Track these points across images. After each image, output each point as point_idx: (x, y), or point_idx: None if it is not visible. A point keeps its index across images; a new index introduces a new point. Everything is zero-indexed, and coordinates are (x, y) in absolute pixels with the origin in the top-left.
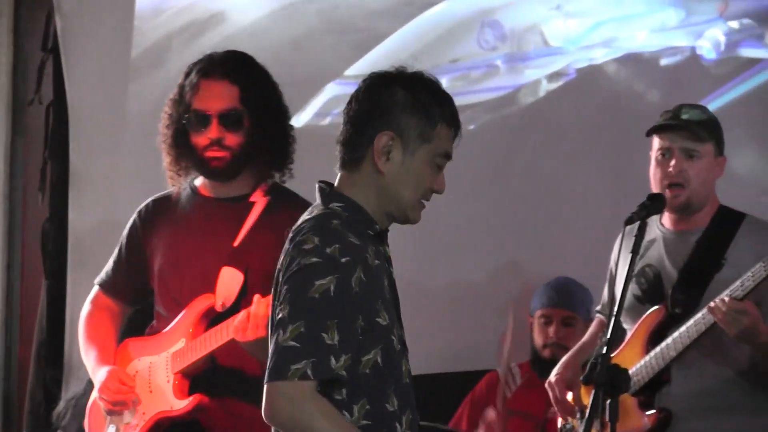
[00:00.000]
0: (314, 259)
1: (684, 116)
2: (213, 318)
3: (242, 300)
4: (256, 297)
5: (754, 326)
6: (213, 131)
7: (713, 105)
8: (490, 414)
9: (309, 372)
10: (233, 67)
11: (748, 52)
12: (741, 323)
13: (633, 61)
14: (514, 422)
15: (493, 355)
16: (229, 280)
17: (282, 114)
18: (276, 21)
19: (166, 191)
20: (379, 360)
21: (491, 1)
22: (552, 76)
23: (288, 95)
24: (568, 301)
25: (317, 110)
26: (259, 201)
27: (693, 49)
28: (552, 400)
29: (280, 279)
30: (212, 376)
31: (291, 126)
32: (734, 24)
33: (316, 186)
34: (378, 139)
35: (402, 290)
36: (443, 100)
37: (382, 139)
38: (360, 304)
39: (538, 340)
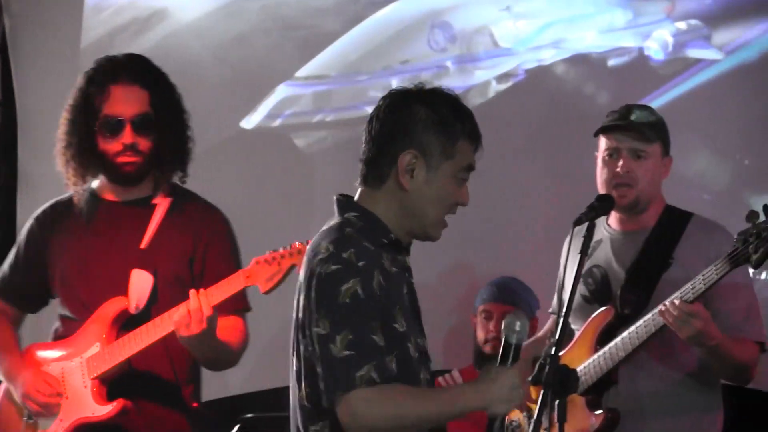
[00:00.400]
0: (333, 267)
1: (632, 117)
2: (125, 321)
3: (152, 303)
4: (192, 292)
5: (705, 329)
6: (127, 137)
7: (656, 103)
8: None
9: (374, 376)
10: (140, 71)
11: (695, 52)
12: (692, 327)
13: (581, 61)
14: (461, 427)
15: (441, 356)
16: (140, 282)
17: (184, 115)
18: (219, 18)
19: (64, 195)
20: (393, 367)
21: (441, 3)
22: (501, 77)
23: (233, 93)
24: (509, 296)
25: (268, 111)
26: (162, 203)
27: (641, 49)
28: None
29: (302, 289)
30: (128, 380)
31: (190, 127)
32: (682, 25)
33: (334, 198)
34: (402, 157)
35: None
36: (464, 115)
37: (406, 157)
38: (381, 307)
39: (480, 335)
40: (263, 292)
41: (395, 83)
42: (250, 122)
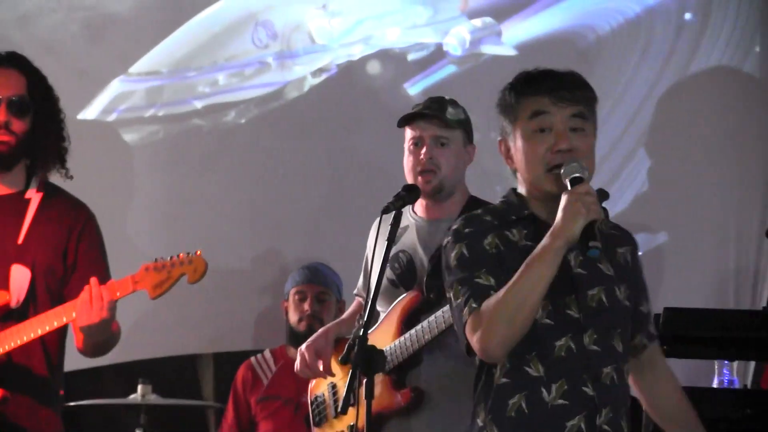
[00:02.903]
0: (445, 240)
1: (433, 106)
2: (4, 315)
3: (30, 296)
4: (93, 280)
5: None
6: (1, 114)
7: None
8: None
9: (474, 304)
10: (19, 59)
11: (488, 48)
12: None
13: (385, 57)
14: (274, 406)
15: (251, 336)
16: (19, 277)
17: (60, 112)
18: None
19: None
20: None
21: (265, 1)
22: (316, 72)
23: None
24: (320, 278)
25: (104, 107)
26: (34, 197)
27: (439, 45)
28: (301, 365)
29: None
30: (5, 372)
31: (64, 121)
32: (477, 22)
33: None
34: (498, 149)
35: None
36: (518, 78)
37: (500, 147)
38: (493, 260)
39: (294, 316)
40: (151, 298)
41: (221, 78)
42: (85, 116)
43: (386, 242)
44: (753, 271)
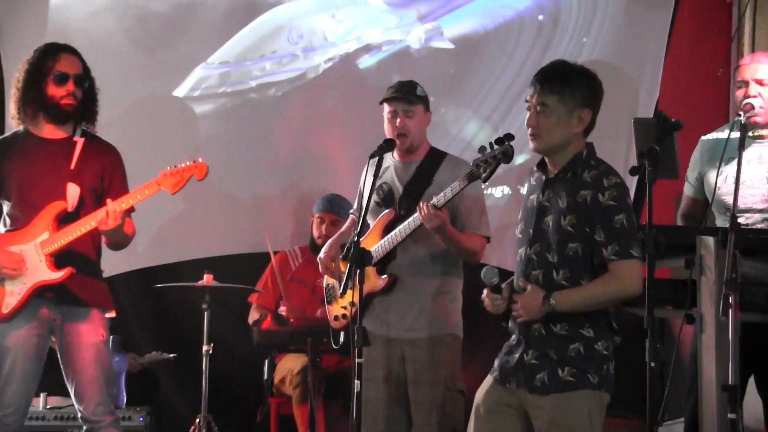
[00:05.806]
0: None
1: (402, 89)
2: (63, 217)
3: (80, 204)
4: (109, 200)
5: (443, 224)
6: (71, 86)
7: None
8: None
9: None
10: (73, 48)
11: (437, 44)
12: (434, 221)
13: (369, 49)
14: (296, 287)
15: (282, 240)
16: (73, 192)
17: (96, 87)
18: None
19: (6, 135)
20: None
21: (295, 13)
22: (327, 60)
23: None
24: (335, 209)
25: (191, 86)
26: (79, 141)
27: (402, 41)
28: (321, 269)
29: None
30: (67, 256)
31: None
32: (428, 26)
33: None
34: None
35: (220, 202)
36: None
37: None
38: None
39: (316, 232)
40: (172, 194)
41: (268, 66)
42: (180, 92)
43: (372, 177)
44: None
